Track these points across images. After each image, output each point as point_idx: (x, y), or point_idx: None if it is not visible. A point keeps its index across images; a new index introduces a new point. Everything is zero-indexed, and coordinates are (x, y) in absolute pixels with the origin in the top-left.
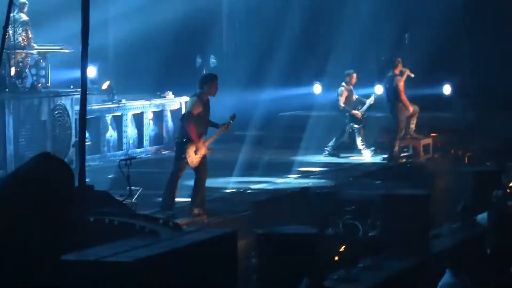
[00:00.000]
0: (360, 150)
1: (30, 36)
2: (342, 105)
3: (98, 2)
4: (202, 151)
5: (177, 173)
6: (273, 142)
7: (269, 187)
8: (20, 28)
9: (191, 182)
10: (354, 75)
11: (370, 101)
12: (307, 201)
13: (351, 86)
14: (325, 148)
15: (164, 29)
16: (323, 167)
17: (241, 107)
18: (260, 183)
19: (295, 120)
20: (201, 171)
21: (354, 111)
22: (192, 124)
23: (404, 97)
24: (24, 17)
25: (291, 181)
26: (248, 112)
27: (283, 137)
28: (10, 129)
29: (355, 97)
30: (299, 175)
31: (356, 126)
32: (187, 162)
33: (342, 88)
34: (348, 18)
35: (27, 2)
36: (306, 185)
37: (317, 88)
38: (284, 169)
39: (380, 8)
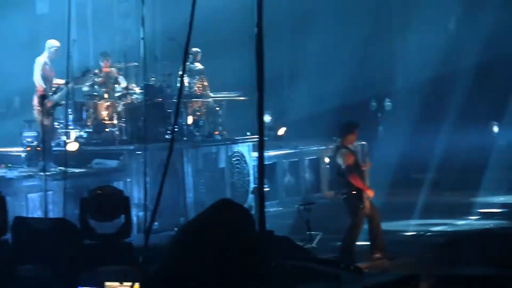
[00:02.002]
0: None
1: (205, 84)
2: None
3: (271, 49)
4: (370, 195)
5: (360, 225)
6: (451, 183)
7: (449, 229)
8: (196, 77)
9: (367, 225)
10: None
11: None
12: (489, 243)
13: None
14: None
15: (342, 75)
16: (504, 208)
17: (415, 149)
18: (440, 225)
19: (473, 161)
20: (374, 214)
21: None
22: (355, 175)
23: None
24: (198, 65)
25: (472, 222)
26: (424, 153)
27: (461, 178)
28: (189, 177)
29: None
30: (479, 217)
31: None
32: (364, 211)
33: None
34: None
35: (199, 51)
36: (487, 226)
37: (494, 128)
38: (464, 210)
39: None
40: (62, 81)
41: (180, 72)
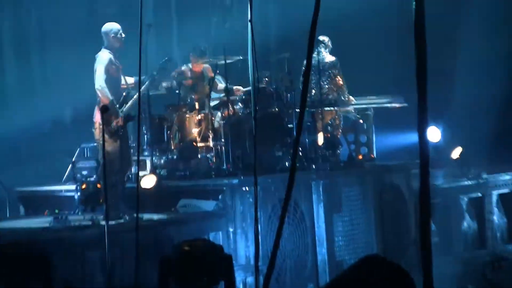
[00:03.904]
0: None
1: (340, 83)
2: None
3: (434, 40)
4: None
5: None
6: None
7: None
8: (326, 73)
9: None
10: None
11: None
12: None
13: None
14: None
15: None
16: None
17: None
18: None
19: None
20: None
21: None
22: None
23: None
24: (329, 57)
25: None
26: None
27: None
28: (321, 224)
29: None
30: None
31: None
32: None
33: None
34: None
35: (328, 39)
36: None
37: None
38: None
39: None
40: (132, 80)
41: (304, 68)
